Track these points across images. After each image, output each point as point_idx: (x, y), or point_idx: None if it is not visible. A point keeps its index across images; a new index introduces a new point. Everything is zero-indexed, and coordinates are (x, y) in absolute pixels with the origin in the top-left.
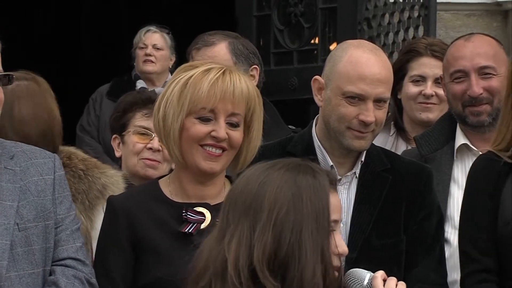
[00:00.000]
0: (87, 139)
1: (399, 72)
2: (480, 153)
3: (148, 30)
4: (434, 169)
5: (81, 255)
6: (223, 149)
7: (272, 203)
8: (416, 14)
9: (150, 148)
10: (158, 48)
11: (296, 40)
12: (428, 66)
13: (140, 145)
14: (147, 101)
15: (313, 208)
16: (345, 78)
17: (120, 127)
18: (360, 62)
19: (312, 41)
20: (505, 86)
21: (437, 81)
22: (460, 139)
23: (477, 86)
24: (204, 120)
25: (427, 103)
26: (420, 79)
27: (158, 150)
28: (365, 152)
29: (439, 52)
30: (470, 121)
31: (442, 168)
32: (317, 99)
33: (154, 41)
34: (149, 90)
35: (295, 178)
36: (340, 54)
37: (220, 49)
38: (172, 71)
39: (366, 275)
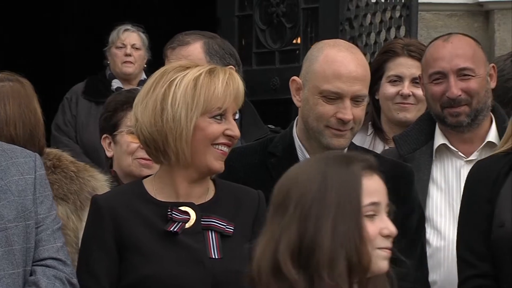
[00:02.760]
0: (65, 140)
1: (377, 73)
2: (460, 153)
3: (126, 29)
4: (413, 169)
5: (62, 255)
6: (229, 147)
7: (298, 197)
8: (397, 14)
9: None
10: (136, 48)
11: (278, 40)
12: (405, 66)
13: (134, 144)
14: None
15: (337, 196)
16: (321, 77)
17: (111, 127)
18: (336, 60)
19: (294, 41)
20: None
21: (415, 81)
22: (439, 139)
23: (455, 88)
24: (218, 118)
25: (405, 103)
26: (397, 79)
27: None
28: (345, 151)
29: (416, 52)
30: (449, 122)
31: (421, 168)
32: (296, 99)
33: (132, 41)
34: (125, 89)
35: (325, 170)
36: (316, 54)
37: (194, 49)
38: (146, 70)
39: None
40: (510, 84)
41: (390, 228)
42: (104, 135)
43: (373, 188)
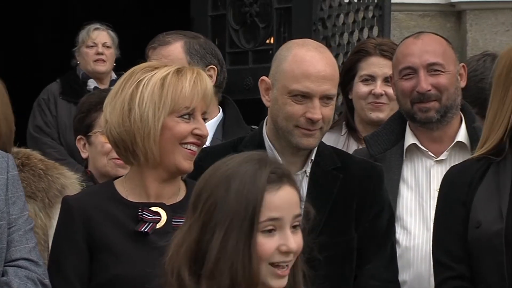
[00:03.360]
0: (49, 141)
1: (349, 72)
2: (430, 153)
3: (96, 28)
4: (384, 169)
5: (34, 256)
6: (198, 147)
7: (205, 200)
8: (370, 14)
9: None
10: (107, 47)
11: (251, 40)
12: (377, 65)
13: (109, 145)
14: None
15: (235, 207)
16: (290, 77)
17: (85, 128)
18: (304, 60)
19: (268, 41)
20: (494, 84)
21: (387, 80)
22: (410, 139)
23: (425, 82)
24: (186, 118)
25: (377, 103)
26: (370, 79)
27: None
28: (315, 150)
29: (388, 51)
30: (419, 118)
31: (391, 168)
32: (265, 99)
33: (103, 40)
34: (99, 89)
35: (232, 176)
36: (284, 53)
37: (174, 48)
38: (115, 69)
39: None
40: (484, 84)
41: (290, 245)
42: (79, 137)
43: (276, 203)
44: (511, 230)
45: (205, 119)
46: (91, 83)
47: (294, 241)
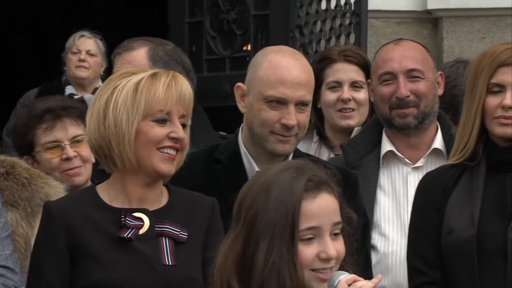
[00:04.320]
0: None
1: (316, 81)
2: (406, 160)
3: (82, 35)
4: (361, 176)
5: (10, 263)
6: (177, 151)
7: (247, 211)
8: (347, 21)
9: (67, 158)
10: (91, 54)
11: (228, 46)
12: (343, 71)
13: (55, 159)
14: (41, 114)
15: (275, 217)
16: (265, 83)
17: (27, 149)
18: (280, 66)
19: (245, 48)
20: (466, 95)
21: (354, 85)
22: (386, 146)
23: (404, 88)
24: (161, 122)
25: (346, 110)
26: (337, 85)
27: (75, 156)
28: (291, 157)
29: (352, 56)
30: (397, 123)
31: (368, 175)
32: (241, 106)
33: (88, 47)
34: (78, 96)
35: (270, 185)
36: (260, 60)
37: (138, 54)
38: (103, 78)
39: (338, 277)
40: (456, 91)
41: (329, 252)
42: (25, 157)
43: (313, 212)
44: (482, 236)
45: (184, 125)
46: (68, 90)
47: (334, 248)
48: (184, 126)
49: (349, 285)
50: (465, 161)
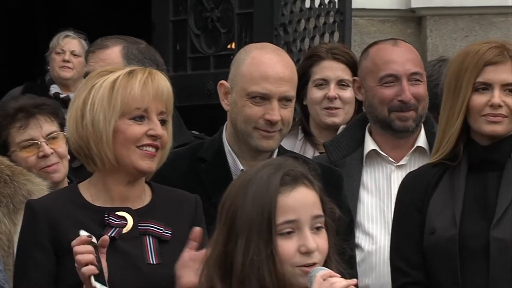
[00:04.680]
0: None
1: (303, 78)
2: (390, 159)
3: (66, 36)
4: (344, 175)
5: None
6: (157, 148)
7: (227, 209)
8: (331, 20)
9: (44, 156)
10: (76, 55)
11: (212, 45)
12: (330, 69)
13: (32, 158)
14: (14, 114)
15: (252, 213)
16: (248, 79)
17: (2, 149)
18: (262, 62)
19: (229, 46)
20: (445, 91)
21: (340, 83)
22: (370, 145)
23: (409, 92)
24: (139, 120)
25: (332, 108)
26: (323, 83)
27: (52, 153)
28: (275, 154)
29: (340, 55)
30: (396, 127)
31: (351, 174)
32: (224, 103)
33: (72, 48)
34: (63, 95)
35: (248, 184)
36: (243, 57)
37: (112, 52)
38: None
39: (316, 272)
40: (439, 90)
41: (308, 245)
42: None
43: (290, 205)
44: (464, 236)
45: (164, 121)
46: (53, 89)
47: (316, 242)
48: (164, 122)
49: (324, 280)
50: (446, 160)
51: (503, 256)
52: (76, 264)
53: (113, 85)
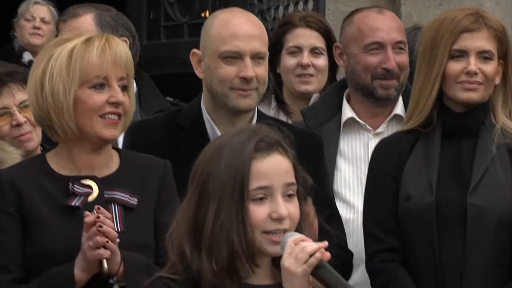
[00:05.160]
0: None
1: (276, 46)
2: (368, 126)
3: (36, 2)
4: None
5: None
6: (119, 115)
7: (200, 173)
8: None
9: (17, 124)
10: (45, 22)
11: (186, 13)
12: (303, 36)
13: (5, 127)
14: None
15: (224, 178)
16: (219, 40)
17: None
18: (230, 22)
19: (203, 14)
20: (419, 59)
21: (314, 51)
22: (347, 112)
23: (393, 60)
24: (99, 88)
25: (305, 76)
26: (297, 50)
27: (25, 122)
28: (255, 119)
29: (313, 22)
30: (379, 94)
31: (329, 141)
32: (198, 71)
33: (42, 14)
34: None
35: (222, 149)
36: (211, 21)
37: (84, 20)
38: None
39: (288, 238)
40: (413, 57)
41: (280, 211)
42: None
43: (263, 171)
44: (440, 203)
45: (125, 87)
46: (27, 56)
47: (287, 209)
48: (125, 88)
49: (296, 244)
50: (419, 127)
51: (479, 223)
52: (89, 243)
53: (70, 54)
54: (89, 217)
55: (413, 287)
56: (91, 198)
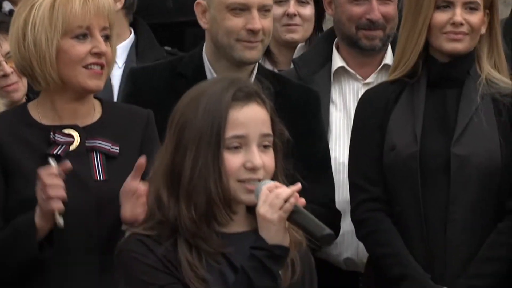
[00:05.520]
0: None
1: None
2: (358, 76)
3: None
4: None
5: None
6: (102, 66)
7: (177, 120)
8: None
9: (4, 75)
10: None
11: None
12: None
13: None
14: None
15: (201, 126)
16: None
17: None
18: None
19: None
20: (405, 9)
21: (300, 0)
22: (337, 61)
23: (378, 11)
24: (82, 38)
25: (291, 24)
26: (283, 0)
27: (12, 72)
28: (255, 72)
29: None
30: (363, 45)
31: (320, 90)
32: (202, 22)
33: None
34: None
35: (201, 96)
36: None
37: None
38: None
39: (262, 185)
40: (401, 5)
41: (254, 161)
42: None
43: (240, 121)
44: (425, 153)
45: (107, 36)
46: (6, 5)
47: (262, 159)
48: (107, 38)
49: (270, 191)
50: (405, 77)
51: (463, 172)
52: (41, 194)
53: (53, 4)
54: (41, 169)
55: (396, 237)
56: (72, 147)
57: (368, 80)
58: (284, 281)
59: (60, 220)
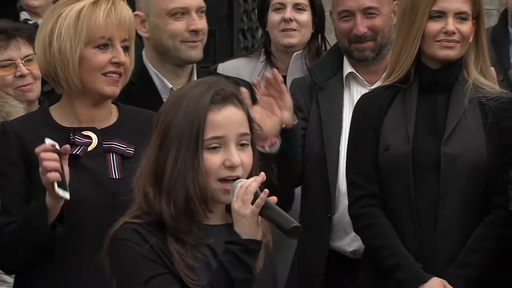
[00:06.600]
0: None
1: (264, 4)
2: (365, 82)
3: None
4: (329, 95)
5: None
6: (120, 74)
7: (161, 122)
8: None
9: (21, 75)
10: None
11: None
12: None
13: (9, 76)
14: None
15: (182, 128)
16: (166, 0)
17: None
18: None
19: None
20: (399, 19)
21: (297, 7)
22: (347, 68)
23: (361, 26)
24: (103, 48)
25: (288, 29)
26: (281, 6)
27: (28, 74)
28: (195, 74)
29: None
30: (356, 56)
31: (335, 94)
32: (142, 32)
33: None
34: (32, 21)
35: (182, 99)
36: None
37: None
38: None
39: (237, 183)
40: None
41: (232, 159)
42: None
43: (218, 122)
44: (417, 152)
45: (126, 47)
46: (23, 15)
47: (240, 157)
48: (126, 48)
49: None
50: (398, 83)
51: (452, 170)
52: (40, 170)
53: (78, 15)
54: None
55: (390, 230)
56: (90, 147)
57: (373, 86)
58: (257, 269)
59: (61, 192)
